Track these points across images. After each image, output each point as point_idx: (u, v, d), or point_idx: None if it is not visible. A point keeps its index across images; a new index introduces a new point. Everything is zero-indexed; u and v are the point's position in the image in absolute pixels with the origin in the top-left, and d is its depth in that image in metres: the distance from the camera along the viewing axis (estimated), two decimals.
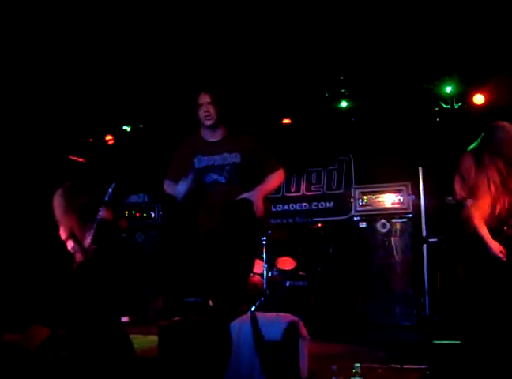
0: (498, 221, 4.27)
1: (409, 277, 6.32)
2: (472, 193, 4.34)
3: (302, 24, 6.01)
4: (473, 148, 4.51)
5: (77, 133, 7.81)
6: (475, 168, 4.38)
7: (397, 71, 6.74)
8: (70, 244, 5.52)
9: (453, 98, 6.80)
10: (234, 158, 4.06)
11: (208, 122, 4.09)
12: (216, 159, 4.07)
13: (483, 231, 4.20)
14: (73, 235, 5.58)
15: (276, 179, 4.13)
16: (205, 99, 4.11)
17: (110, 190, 5.41)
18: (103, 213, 5.41)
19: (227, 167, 4.05)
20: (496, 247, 4.16)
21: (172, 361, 3.23)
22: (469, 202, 4.34)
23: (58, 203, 5.65)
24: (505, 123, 4.45)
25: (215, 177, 4.07)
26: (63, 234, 5.61)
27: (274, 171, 4.10)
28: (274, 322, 3.12)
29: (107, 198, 5.38)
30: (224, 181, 4.05)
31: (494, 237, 4.18)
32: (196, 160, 4.13)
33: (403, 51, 6.38)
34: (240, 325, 3.13)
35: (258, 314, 3.16)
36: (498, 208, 4.28)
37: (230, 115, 4.25)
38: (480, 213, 4.26)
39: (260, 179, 4.06)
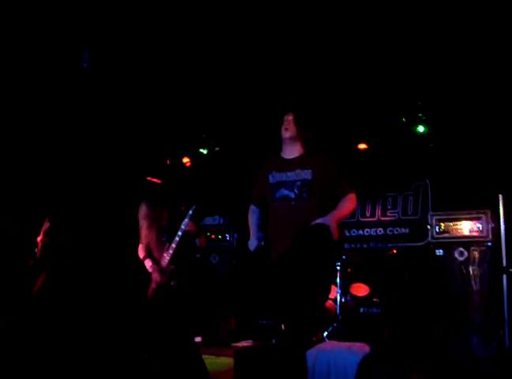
0: None
1: (487, 307, 6.13)
2: None
3: (382, 48, 6.00)
4: None
5: (155, 154, 8.02)
6: None
7: (475, 95, 6.62)
8: (148, 263, 5.64)
9: None
10: (305, 174, 4.08)
11: (287, 134, 4.18)
12: (289, 175, 4.11)
13: None
14: (151, 254, 5.71)
15: (349, 204, 4.11)
16: (288, 116, 4.24)
17: (190, 212, 5.51)
18: (187, 225, 5.50)
19: (298, 183, 4.07)
20: None
21: None
22: None
23: (143, 217, 5.80)
24: None
25: (285, 192, 4.10)
26: (141, 253, 5.74)
27: (346, 194, 4.09)
28: (351, 351, 3.10)
29: (187, 219, 5.48)
30: (293, 196, 4.07)
31: None
32: (271, 176, 4.19)
33: (480, 77, 6.27)
34: (317, 354, 3.12)
35: (335, 343, 3.15)
36: None
37: (308, 134, 4.30)
38: None
39: (330, 198, 4.06)
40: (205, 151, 8.30)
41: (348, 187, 4.13)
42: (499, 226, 6.12)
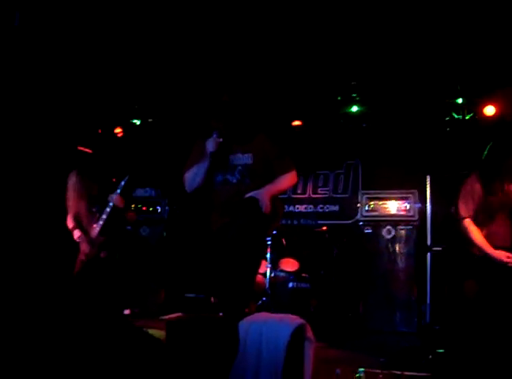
0: (503, 242, 4.33)
1: (411, 284, 6.34)
2: (480, 215, 4.40)
3: (316, 28, 6.02)
4: (480, 169, 4.52)
5: (87, 123, 7.83)
6: (480, 190, 4.41)
7: (409, 79, 6.76)
8: (77, 233, 5.54)
9: (465, 108, 6.82)
10: (246, 159, 4.07)
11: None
12: (230, 159, 4.09)
13: (485, 244, 4.29)
14: (80, 225, 5.61)
15: (286, 180, 4.11)
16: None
17: (122, 183, 5.44)
18: (115, 199, 5.43)
19: (240, 168, 4.05)
20: (501, 254, 4.21)
21: (178, 357, 3.25)
22: (466, 222, 4.40)
23: (72, 187, 5.68)
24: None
25: (226, 176, 4.08)
26: (70, 223, 5.63)
27: (286, 172, 4.10)
28: (282, 323, 3.14)
29: (119, 190, 5.41)
30: (234, 181, 4.06)
31: None
32: None
33: (416, 60, 6.40)
34: (249, 325, 3.14)
35: (267, 315, 3.18)
36: (507, 229, 4.35)
37: (245, 116, 4.27)
38: (477, 229, 4.34)
39: (272, 179, 4.07)
40: (137, 122, 8.16)
41: (289, 165, 4.11)
42: (426, 206, 6.31)
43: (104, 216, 5.45)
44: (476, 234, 4.34)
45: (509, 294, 4.16)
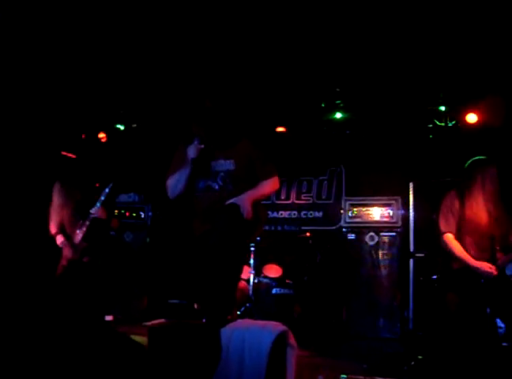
0: (484, 255, 4.38)
1: (394, 290, 6.37)
2: (458, 228, 4.46)
3: (301, 34, 6.04)
4: (458, 186, 4.61)
5: (71, 128, 7.80)
6: (458, 206, 4.48)
7: (392, 87, 6.80)
8: (60, 239, 5.55)
9: (447, 116, 6.87)
10: (228, 165, 4.05)
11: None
12: (212, 165, 4.07)
13: (466, 257, 4.33)
14: (63, 230, 5.61)
15: (268, 185, 4.09)
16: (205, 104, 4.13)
17: (106, 190, 5.44)
18: (97, 212, 5.45)
19: (222, 174, 4.04)
20: (483, 265, 4.26)
21: (160, 363, 3.24)
22: (446, 236, 4.46)
23: (57, 194, 5.69)
24: (485, 161, 4.56)
25: (208, 182, 4.06)
26: (53, 229, 5.63)
27: (268, 178, 4.08)
28: (265, 330, 3.14)
29: (103, 197, 5.40)
30: (217, 187, 4.04)
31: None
32: None
33: (400, 68, 6.43)
34: (231, 332, 3.14)
35: (250, 321, 3.18)
36: (484, 243, 4.40)
37: (227, 122, 4.25)
38: (458, 244, 4.40)
39: (255, 185, 4.06)
40: (121, 127, 8.13)
41: (271, 171, 4.09)
42: (409, 213, 6.35)
43: (87, 222, 5.47)
44: (456, 248, 4.39)
45: (487, 305, 4.22)
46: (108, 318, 6.36)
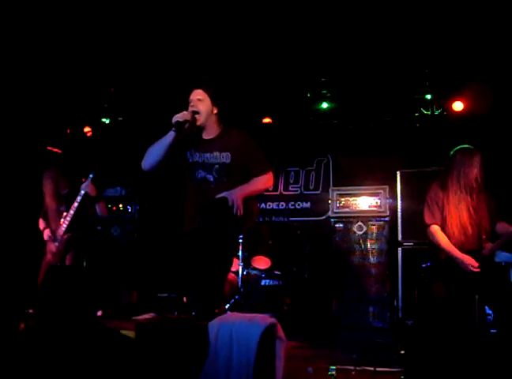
0: (471, 245, 4.39)
1: (383, 280, 6.38)
2: (444, 219, 4.49)
3: (286, 25, 6.01)
4: (440, 178, 4.61)
5: (56, 123, 7.74)
6: (442, 196, 4.51)
7: (378, 76, 6.79)
8: (47, 233, 5.52)
9: (434, 104, 6.86)
10: (224, 158, 4.02)
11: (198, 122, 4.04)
12: (208, 157, 4.02)
13: (451, 248, 4.36)
14: (48, 224, 5.59)
15: (262, 182, 4.05)
16: (195, 95, 4.07)
17: (91, 175, 5.40)
18: (87, 187, 5.38)
19: (217, 166, 4.01)
20: (466, 258, 4.28)
21: (148, 358, 3.22)
22: (433, 228, 4.49)
23: (44, 187, 5.66)
24: (465, 150, 4.56)
25: (203, 174, 4.04)
26: (41, 224, 5.62)
27: (262, 174, 4.05)
28: (252, 323, 3.12)
29: (92, 175, 5.36)
30: (212, 179, 4.02)
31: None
32: (188, 153, 4.07)
33: (385, 56, 6.43)
34: (219, 326, 3.12)
35: (237, 315, 3.16)
36: (469, 232, 4.42)
37: (223, 113, 4.20)
38: (444, 235, 4.43)
39: (249, 179, 4.02)
40: (107, 121, 8.06)
41: (265, 167, 4.06)
42: (396, 201, 6.33)
43: (72, 211, 5.41)
44: (442, 239, 4.42)
45: (476, 293, 4.24)
46: (97, 313, 6.34)
